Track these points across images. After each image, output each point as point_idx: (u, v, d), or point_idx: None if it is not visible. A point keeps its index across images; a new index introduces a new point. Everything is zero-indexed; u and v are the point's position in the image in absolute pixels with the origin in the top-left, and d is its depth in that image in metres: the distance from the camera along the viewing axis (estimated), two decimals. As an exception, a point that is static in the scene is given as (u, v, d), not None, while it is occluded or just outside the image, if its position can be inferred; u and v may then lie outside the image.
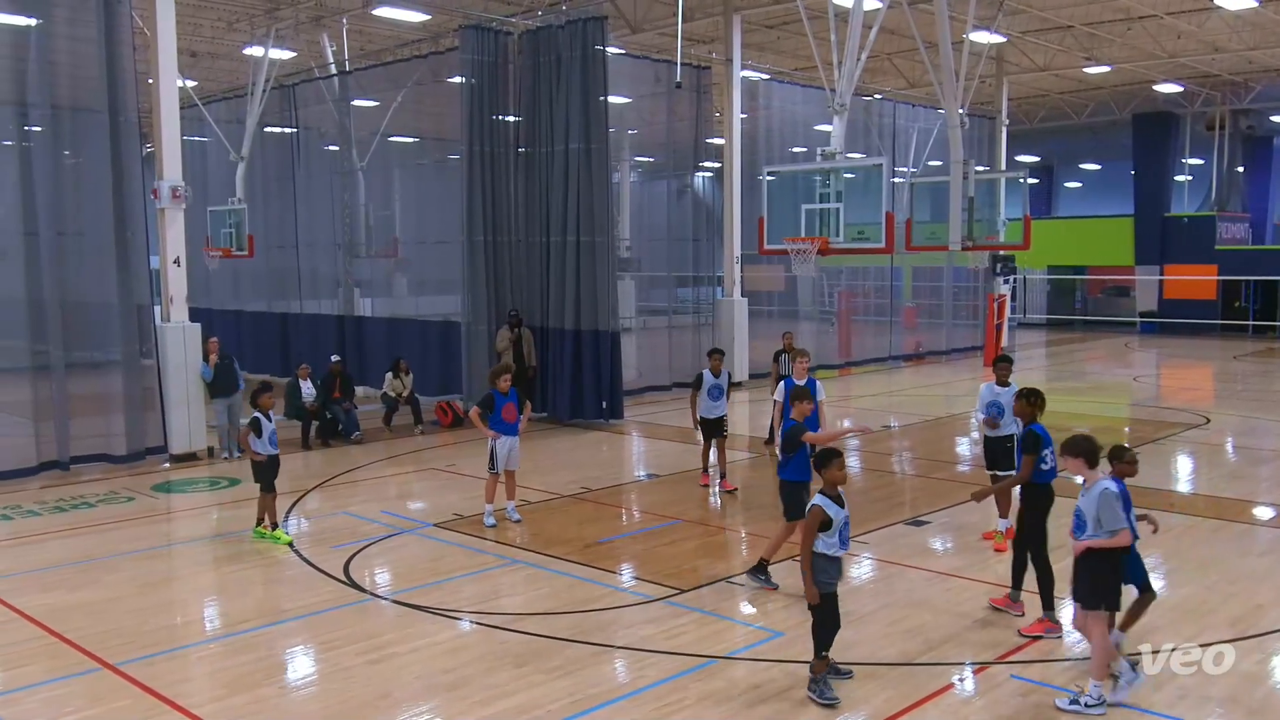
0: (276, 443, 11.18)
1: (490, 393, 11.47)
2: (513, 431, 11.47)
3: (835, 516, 6.92)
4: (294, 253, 23.85)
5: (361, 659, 7.77)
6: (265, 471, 11.06)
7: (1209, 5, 22.39)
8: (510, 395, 11.44)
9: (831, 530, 6.91)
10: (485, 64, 18.30)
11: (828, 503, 6.95)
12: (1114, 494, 6.79)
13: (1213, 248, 36.52)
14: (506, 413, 11.39)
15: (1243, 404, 21.33)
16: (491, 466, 11.49)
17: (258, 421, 10.96)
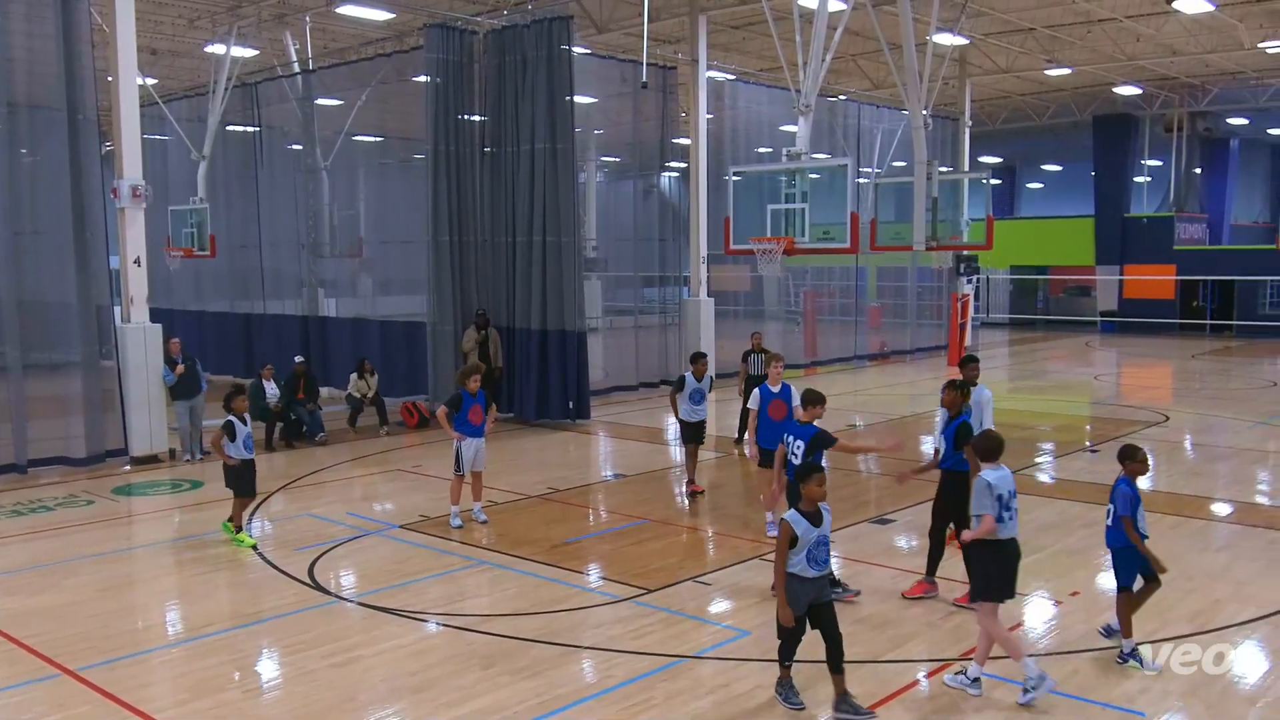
0: (252, 447, 11.02)
1: (459, 393, 11.43)
2: (478, 433, 11.41)
3: (803, 534, 6.55)
4: (257, 253, 23.62)
5: (326, 662, 7.71)
6: (238, 477, 10.89)
7: (1167, 9, 22.70)
8: (478, 397, 11.39)
9: (798, 548, 6.54)
10: (450, 63, 18.22)
11: (798, 519, 6.59)
12: (985, 484, 6.95)
13: (1171, 248, 37.07)
14: (473, 415, 11.34)
15: (1201, 402, 21.66)
16: (457, 468, 11.43)
17: (231, 425, 10.78)
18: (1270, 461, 15.65)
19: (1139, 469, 7.44)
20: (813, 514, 6.63)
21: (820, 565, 6.62)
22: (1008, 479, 7.02)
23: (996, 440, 7.23)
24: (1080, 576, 9.69)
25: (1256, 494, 13.53)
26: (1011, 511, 6.98)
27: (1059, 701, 6.93)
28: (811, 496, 6.65)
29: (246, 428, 10.93)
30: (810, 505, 6.65)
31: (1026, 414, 20.08)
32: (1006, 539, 7.01)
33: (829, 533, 6.72)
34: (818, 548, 6.59)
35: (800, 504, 6.70)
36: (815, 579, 6.61)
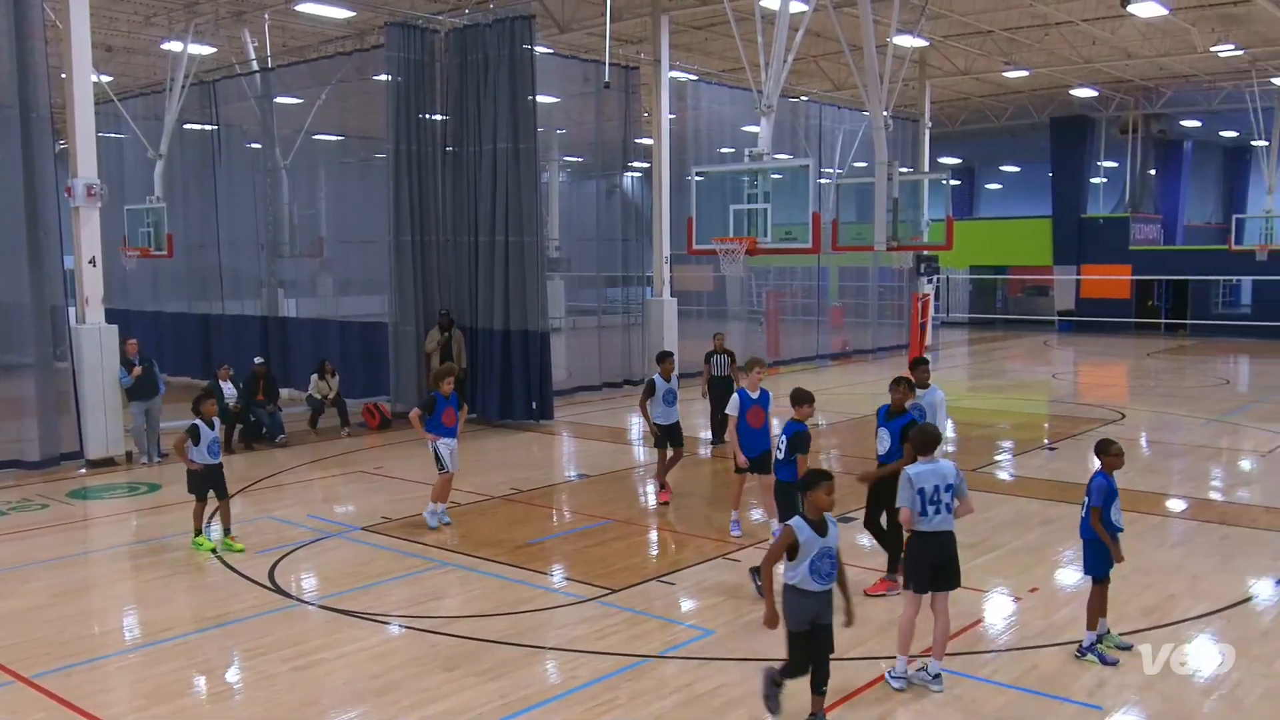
0: (218, 451, 10.77)
1: (432, 395, 11.35)
2: (452, 435, 11.35)
3: (805, 543, 6.20)
4: (215, 252, 23.34)
5: (287, 666, 7.64)
6: (200, 482, 10.65)
7: (1122, 13, 23.03)
8: (451, 399, 11.33)
9: (799, 559, 6.22)
10: (411, 62, 18.11)
11: (803, 527, 6.24)
12: (906, 477, 7.07)
13: (1127, 248, 37.62)
14: (447, 417, 11.27)
15: (1156, 400, 22.00)
16: (441, 467, 11.34)
17: (196, 429, 10.54)
18: (1223, 458, 15.93)
19: (1114, 462, 7.53)
20: (818, 523, 6.27)
21: (824, 579, 6.26)
22: (936, 474, 7.05)
23: (929, 435, 7.30)
24: (1039, 573, 9.80)
25: (1210, 490, 13.77)
26: (939, 506, 7.02)
27: (1019, 697, 7.01)
28: (818, 505, 6.27)
29: (213, 432, 10.69)
30: (816, 514, 6.29)
31: (986, 412, 20.30)
32: (931, 532, 7.06)
33: (835, 545, 6.33)
34: (821, 559, 6.23)
35: (805, 511, 6.34)
36: (818, 593, 6.27)
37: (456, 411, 11.41)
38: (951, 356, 30.95)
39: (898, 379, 9.39)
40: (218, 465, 10.79)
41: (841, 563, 6.41)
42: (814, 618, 6.30)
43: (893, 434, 9.01)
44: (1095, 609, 7.60)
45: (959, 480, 7.12)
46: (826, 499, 6.27)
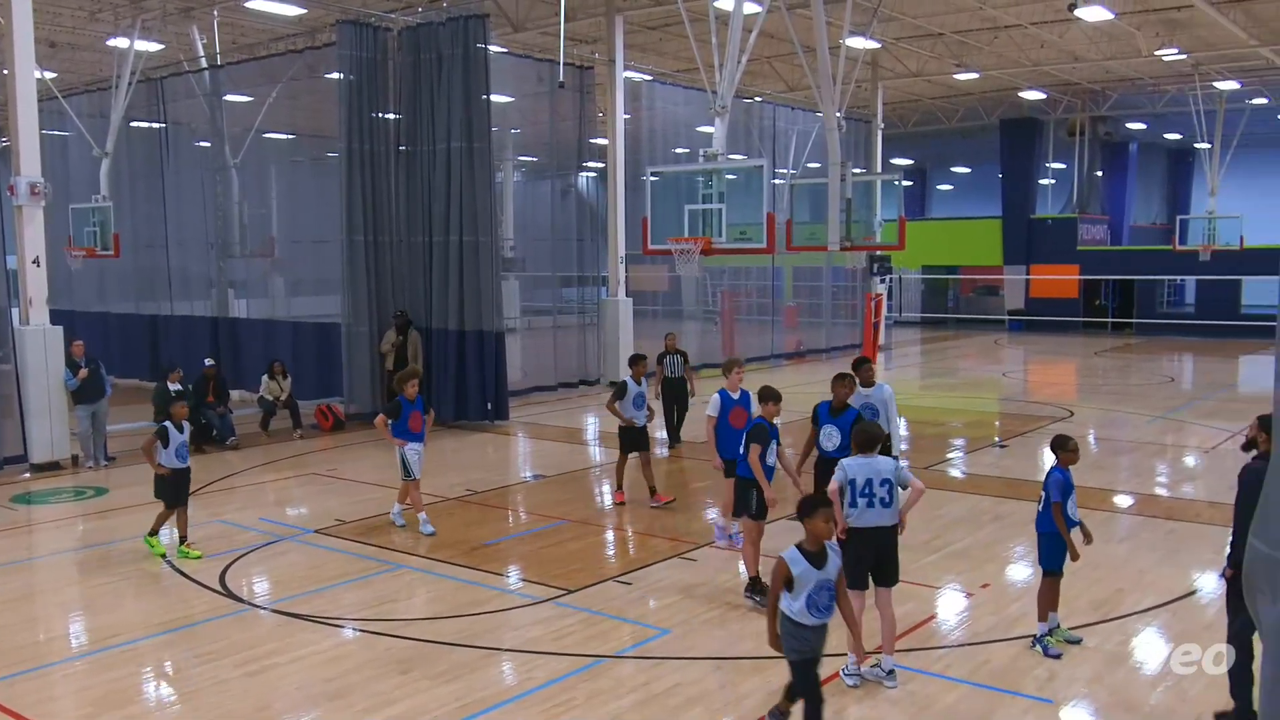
0: (187, 455, 10.52)
1: (397, 399, 11.22)
2: (419, 439, 11.22)
3: (801, 575, 5.84)
4: (163, 252, 22.97)
5: (239, 671, 7.54)
6: (168, 487, 10.38)
7: (1069, 17, 23.39)
8: (417, 403, 11.21)
9: (796, 591, 5.86)
10: (364, 60, 17.95)
11: (797, 558, 5.87)
12: (840, 465, 7.22)
13: (1074, 248, 38.22)
14: (413, 421, 11.15)
15: (1103, 398, 22.37)
16: (406, 473, 11.20)
17: (165, 431, 10.30)
18: (1168, 454, 16.23)
19: (1070, 458, 7.65)
20: (816, 554, 5.89)
21: (822, 612, 5.90)
22: (870, 468, 7.14)
23: (869, 434, 7.43)
24: (990, 569, 9.92)
25: (1156, 486, 14.03)
26: (871, 499, 7.09)
27: (971, 691, 7.10)
28: (816, 534, 5.88)
29: (182, 435, 10.42)
30: (815, 544, 5.90)
31: (938, 411, 20.53)
32: (863, 528, 7.14)
33: (834, 576, 5.95)
34: (819, 592, 5.87)
35: (804, 541, 5.96)
36: (817, 627, 5.93)
37: (423, 415, 11.30)
38: (904, 355, 31.27)
39: (841, 374, 9.51)
40: (186, 469, 10.55)
41: (844, 593, 6.12)
42: (815, 649, 5.99)
43: (842, 430, 9.08)
44: (1046, 602, 7.72)
45: (896, 473, 7.20)
46: (825, 527, 5.90)
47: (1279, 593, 3.53)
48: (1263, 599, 3.62)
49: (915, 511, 7.59)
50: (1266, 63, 28.85)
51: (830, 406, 9.41)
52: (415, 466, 11.19)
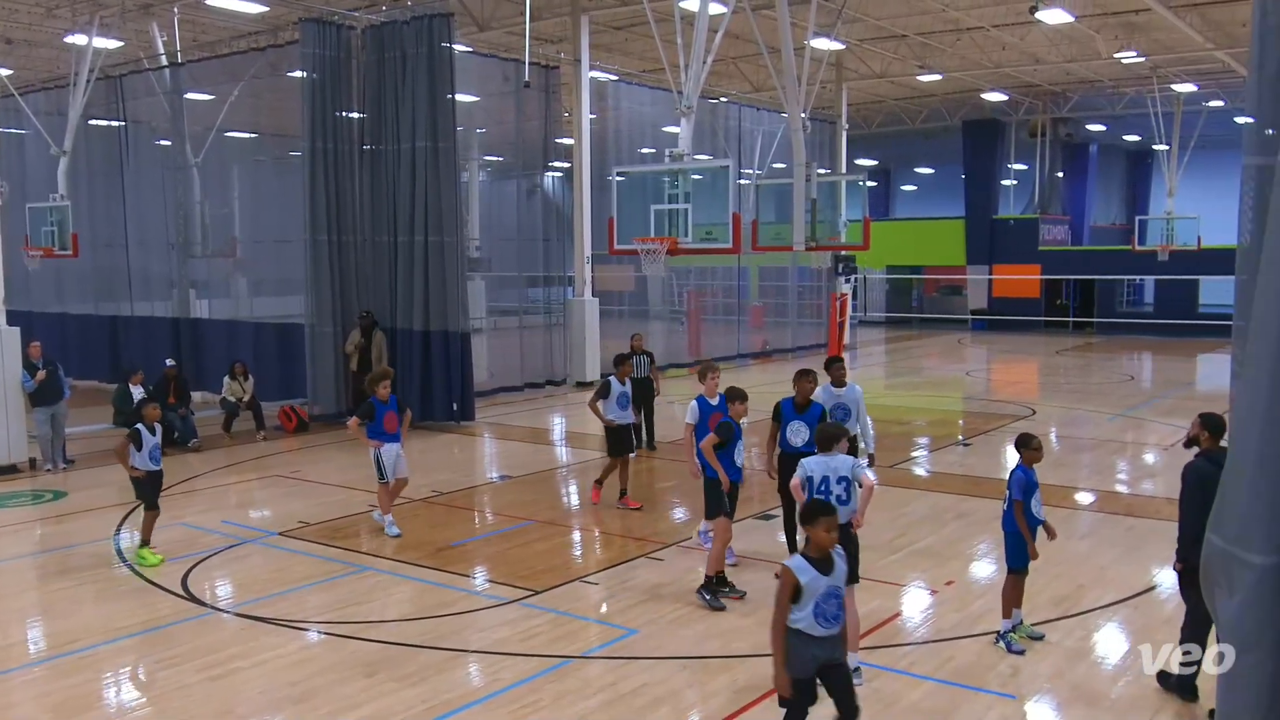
0: (160, 458, 10.41)
1: (370, 401, 11.10)
2: (395, 440, 11.09)
3: (809, 585, 5.51)
4: (123, 252, 22.68)
5: (202, 675, 7.46)
6: (145, 488, 10.29)
7: (1030, 19, 23.64)
8: (390, 403, 11.10)
9: (803, 602, 5.52)
10: (327, 59, 17.82)
11: (805, 567, 5.55)
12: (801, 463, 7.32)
13: (1036, 248, 38.62)
14: (388, 422, 11.02)
15: (1065, 396, 22.63)
16: (381, 476, 11.10)
17: (138, 434, 10.17)
18: (1128, 452, 16.45)
19: (1034, 456, 7.73)
20: (821, 560, 5.61)
21: (831, 622, 5.59)
22: (828, 465, 7.27)
23: (828, 432, 7.55)
24: (954, 566, 10.01)
25: (1116, 483, 14.21)
26: (827, 497, 7.18)
27: (935, 688, 7.16)
28: (819, 544, 5.61)
29: (155, 437, 10.31)
30: (819, 552, 5.63)
31: (902, 410, 20.67)
32: None
33: (842, 583, 5.68)
34: (827, 600, 5.56)
35: (807, 549, 5.71)
36: (824, 638, 5.59)
37: (398, 415, 11.19)
38: (869, 355, 31.46)
39: (804, 370, 9.63)
40: (159, 472, 10.44)
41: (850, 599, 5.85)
42: (823, 661, 5.65)
43: (810, 425, 9.16)
44: (1010, 599, 7.80)
45: (853, 471, 7.29)
46: (827, 536, 5.59)
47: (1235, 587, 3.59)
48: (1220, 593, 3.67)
49: (880, 510, 7.68)
50: (1222, 66, 29.32)
51: (794, 403, 9.48)
52: (389, 469, 11.07)
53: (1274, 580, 3.47)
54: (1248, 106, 3.64)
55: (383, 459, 11.05)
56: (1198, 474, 6.71)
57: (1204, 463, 6.73)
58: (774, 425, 9.59)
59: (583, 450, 16.77)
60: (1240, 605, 3.54)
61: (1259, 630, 3.51)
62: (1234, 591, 3.56)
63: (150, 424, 10.30)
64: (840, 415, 9.91)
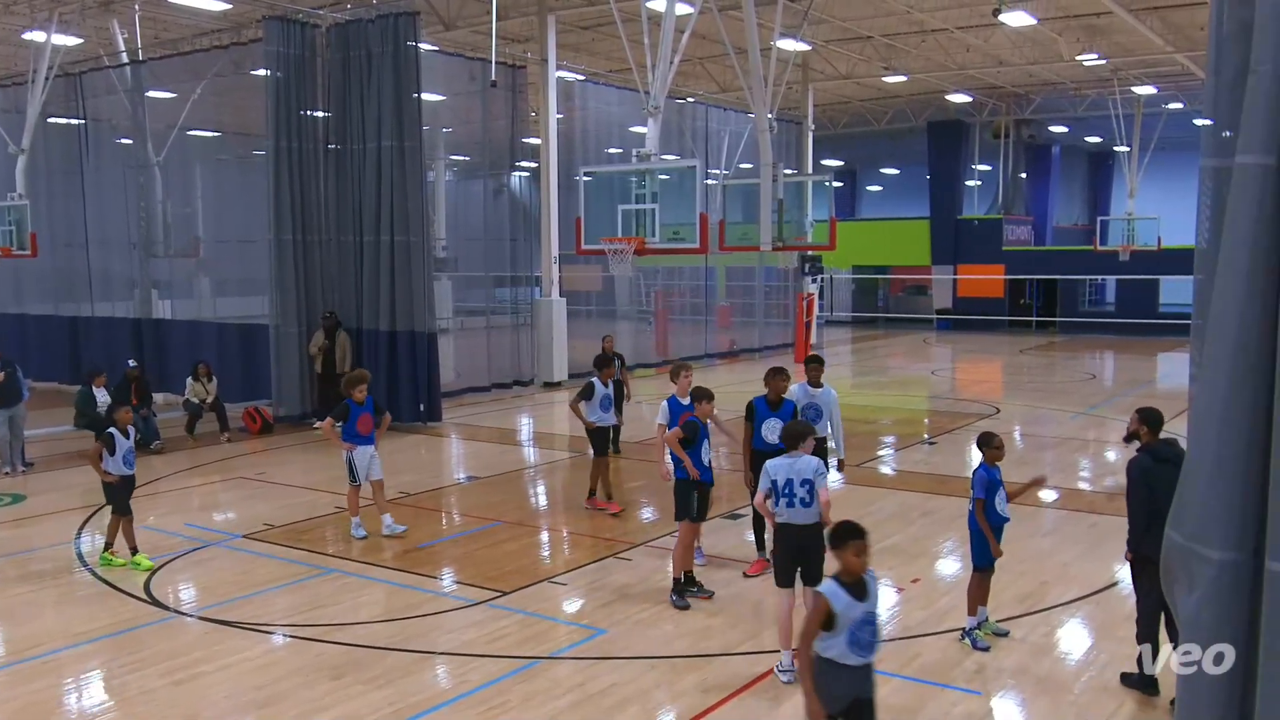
0: (133, 462, 10.29)
1: (345, 402, 11.00)
2: (368, 442, 10.99)
3: (844, 611, 5.16)
4: (83, 252, 22.39)
5: (165, 680, 7.38)
6: (117, 492, 10.13)
7: (994, 22, 23.87)
8: (366, 405, 10.98)
9: (836, 630, 5.15)
10: (291, 57, 17.68)
11: (838, 593, 5.19)
12: (764, 468, 7.35)
13: (1000, 249, 39.00)
14: (362, 424, 10.92)
15: (1029, 394, 22.87)
16: (352, 478, 11.00)
17: (110, 438, 10.03)
18: (1091, 449, 16.65)
19: (995, 455, 7.82)
20: (855, 585, 5.26)
21: (866, 651, 5.23)
22: (792, 468, 7.24)
23: (793, 431, 7.56)
24: (921, 564, 10.09)
25: (1079, 480, 14.38)
26: (791, 499, 7.20)
27: (902, 685, 7.21)
28: (850, 569, 5.26)
29: (129, 441, 10.19)
30: (850, 576, 5.28)
31: (869, 409, 20.80)
32: (783, 524, 7.28)
33: (876, 608, 5.35)
34: (862, 627, 5.22)
35: (839, 573, 5.32)
36: (859, 667, 5.24)
37: (374, 417, 11.08)
38: (835, 354, 31.62)
39: (777, 368, 9.67)
40: (132, 476, 10.30)
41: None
42: (855, 694, 5.28)
43: (784, 422, 9.11)
44: (975, 596, 7.88)
45: (817, 475, 7.27)
46: (857, 560, 5.26)
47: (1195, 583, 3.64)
48: (1180, 589, 3.73)
49: (847, 508, 7.77)
50: (1182, 69, 29.76)
51: (768, 400, 9.53)
52: (361, 471, 10.97)
53: (1232, 576, 3.53)
54: (1205, 109, 3.70)
55: (354, 461, 10.96)
56: (1140, 468, 6.98)
57: (1145, 457, 7.02)
58: (747, 424, 9.61)
59: (550, 451, 16.75)
60: (1199, 601, 3.59)
61: (1218, 625, 3.56)
62: (1193, 587, 3.62)
63: (123, 427, 10.18)
64: (812, 416, 9.97)
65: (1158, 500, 6.76)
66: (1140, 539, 6.87)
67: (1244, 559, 3.54)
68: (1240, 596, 3.56)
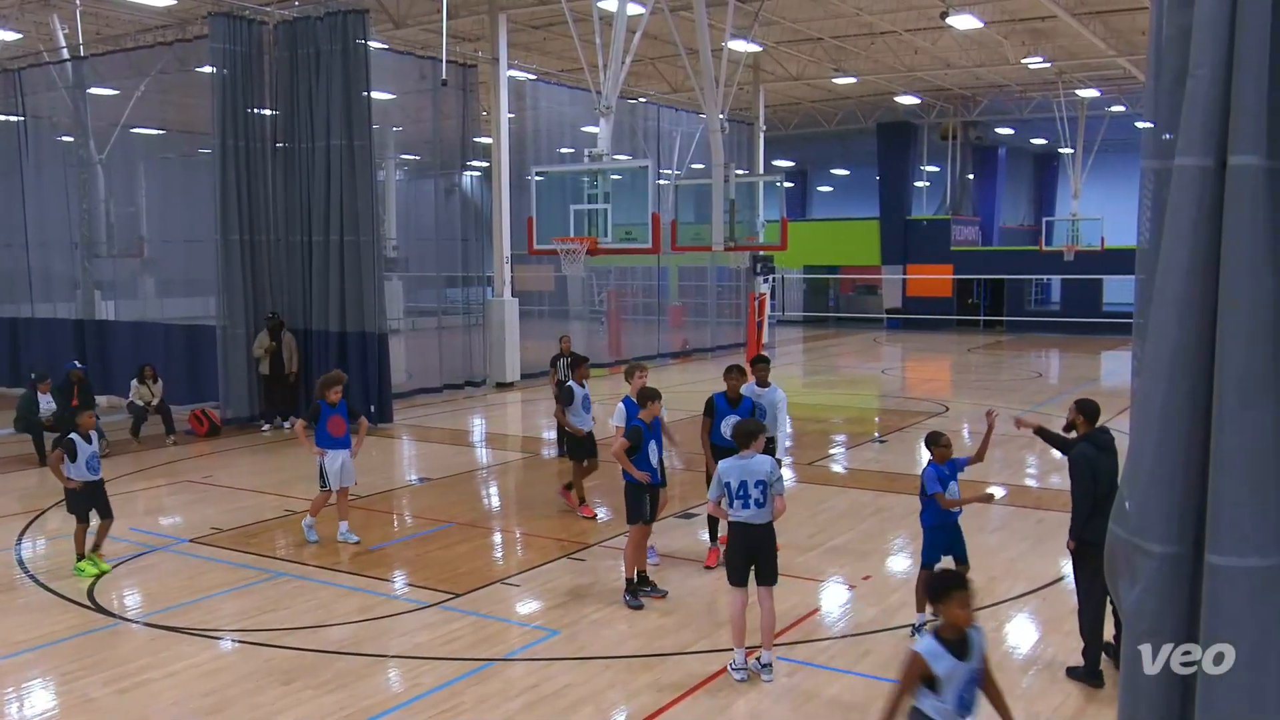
0: (99, 466, 9.94)
1: (318, 404, 10.80)
2: (342, 445, 10.74)
3: (946, 674, 4.64)
4: (23, 252, 21.91)
5: (110, 688, 7.24)
6: (80, 499, 9.81)
7: (941, 24, 24.15)
8: (340, 408, 10.77)
9: (941, 691, 4.65)
10: (238, 54, 17.43)
11: (939, 654, 4.66)
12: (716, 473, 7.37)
13: (948, 249, 39.49)
14: (333, 426, 10.68)
15: (976, 393, 23.16)
16: (323, 483, 10.74)
17: (72, 443, 9.68)
18: (1037, 447, 16.83)
19: (943, 453, 7.93)
20: (958, 643, 4.71)
21: (968, 710, 4.74)
22: (745, 469, 7.26)
23: (745, 430, 7.57)
24: (872, 561, 10.18)
25: (1026, 477, 14.60)
26: (746, 500, 7.23)
27: (853, 681, 7.27)
28: (955, 622, 4.73)
29: (91, 446, 9.82)
30: (953, 632, 4.74)
31: (820, 407, 20.97)
32: (737, 523, 7.30)
33: (981, 661, 4.78)
34: (968, 688, 4.72)
35: (940, 628, 4.79)
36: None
37: (346, 420, 10.85)
38: (787, 354, 31.82)
39: (732, 366, 9.89)
40: (98, 481, 9.96)
41: (992, 676, 4.90)
42: None
43: (742, 417, 9.41)
44: (924, 594, 7.96)
45: (772, 476, 7.29)
46: (963, 614, 4.73)
47: (1137, 577, 3.71)
48: (1123, 582, 3.80)
49: (799, 506, 7.79)
50: (1124, 72, 30.32)
51: (726, 397, 9.78)
52: (334, 476, 10.69)
53: (1173, 569, 3.61)
54: (1146, 112, 3.78)
55: (325, 466, 10.68)
56: (1082, 456, 7.23)
57: (1085, 445, 7.27)
58: (706, 420, 9.82)
59: (503, 452, 16.69)
60: (1141, 594, 3.67)
61: (1159, 618, 3.64)
62: (1135, 581, 3.69)
63: (85, 432, 9.84)
64: (759, 415, 10.01)
65: (1100, 486, 6.95)
66: (1084, 526, 7.05)
67: (1185, 552, 3.62)
68: (1181, 590, 3.64)
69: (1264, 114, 3.37)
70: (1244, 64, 3.37)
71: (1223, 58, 3.40)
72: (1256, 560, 3.44)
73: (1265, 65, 3.36)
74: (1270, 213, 3.40)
